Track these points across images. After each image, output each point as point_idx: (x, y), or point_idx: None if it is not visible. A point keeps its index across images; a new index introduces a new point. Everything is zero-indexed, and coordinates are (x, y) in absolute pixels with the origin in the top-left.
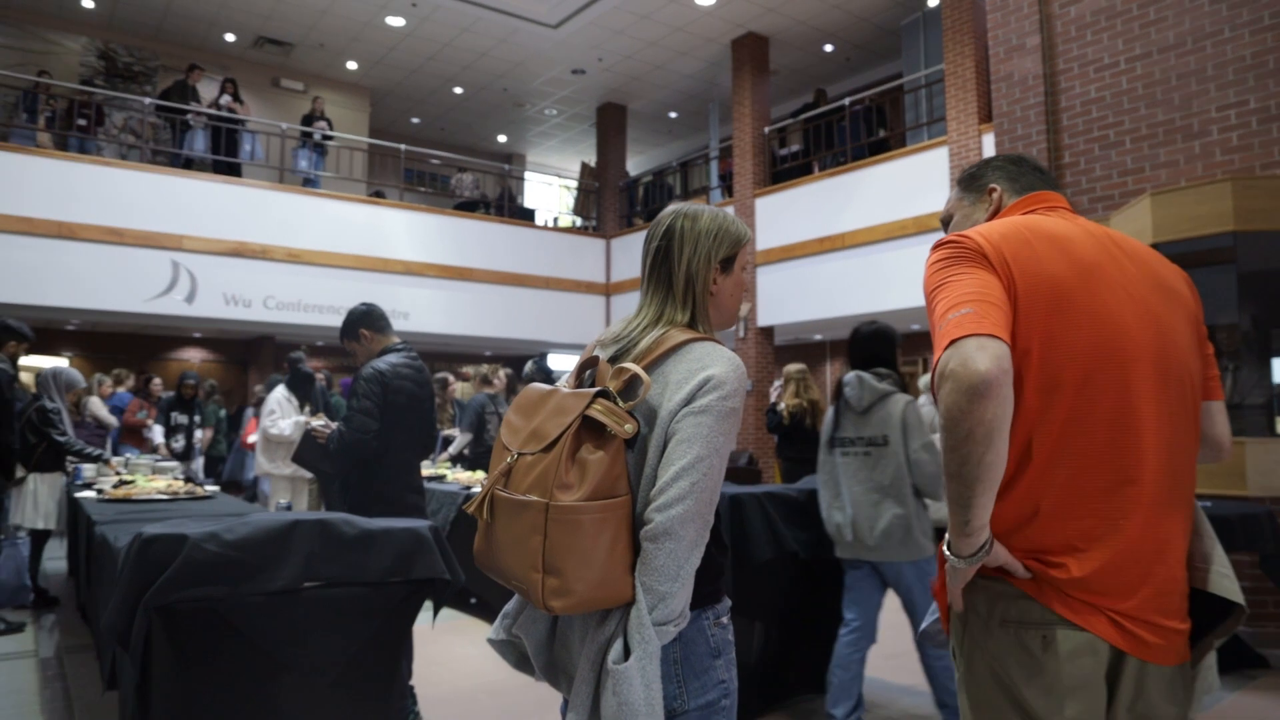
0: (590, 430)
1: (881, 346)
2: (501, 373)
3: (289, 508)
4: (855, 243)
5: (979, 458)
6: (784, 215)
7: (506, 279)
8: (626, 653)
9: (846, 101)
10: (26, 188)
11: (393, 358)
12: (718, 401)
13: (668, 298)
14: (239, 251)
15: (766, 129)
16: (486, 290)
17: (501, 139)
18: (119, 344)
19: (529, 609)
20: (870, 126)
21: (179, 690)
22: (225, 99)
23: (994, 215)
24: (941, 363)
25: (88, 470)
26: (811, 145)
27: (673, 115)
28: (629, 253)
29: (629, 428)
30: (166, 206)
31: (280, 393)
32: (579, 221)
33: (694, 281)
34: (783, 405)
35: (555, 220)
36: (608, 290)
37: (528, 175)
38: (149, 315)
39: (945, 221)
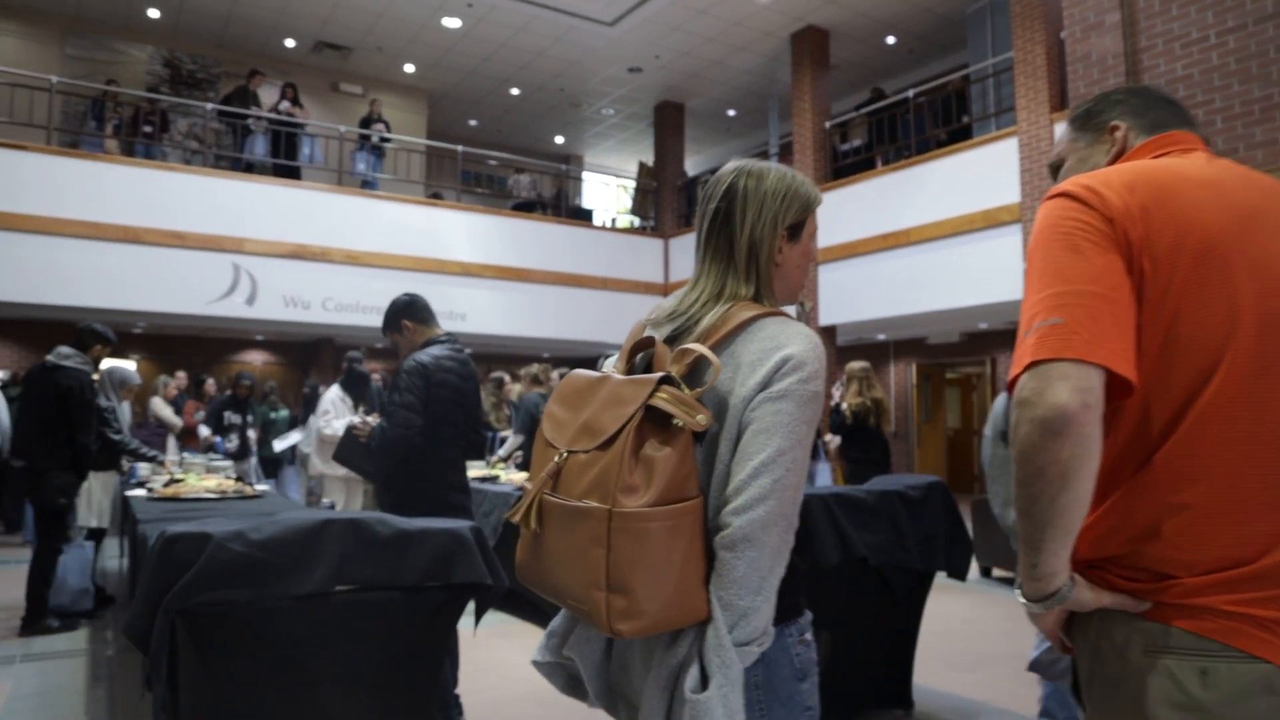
0: (654, 423)
1: None
2: (555, 373)
3: (332, 508)
4: (920, 239)
5: (1051, 499)
6: (846, 211)
7: (564, 279)
8: (703, 679)
9: (911, 94)
10: (94, 194)
11: (436, 350)
12: (798, 385)
13: (728, 268)
14: (298, 254)
15: (827, 124)
16: (544, 291)
17: (559, 140)
18: (184, 347)
19: (581, 627)
20: (936, 119)
21: (205, 697)
22: (285, 104)
23: (1117, 159)
24: (1017, 388)
25: (143, 469)
26: (874, 140)
27: (731, 113)
28: (687, 252)
29: (702, 418)
30: (227, 210)
31: (335, 393)
32: (636, 222)
33: (758, 250)
34: (846, 405)
35: (613, 221)
36: (665, 290)
37: (585, 175)
38: (211, 317)
39: (1054, 168)
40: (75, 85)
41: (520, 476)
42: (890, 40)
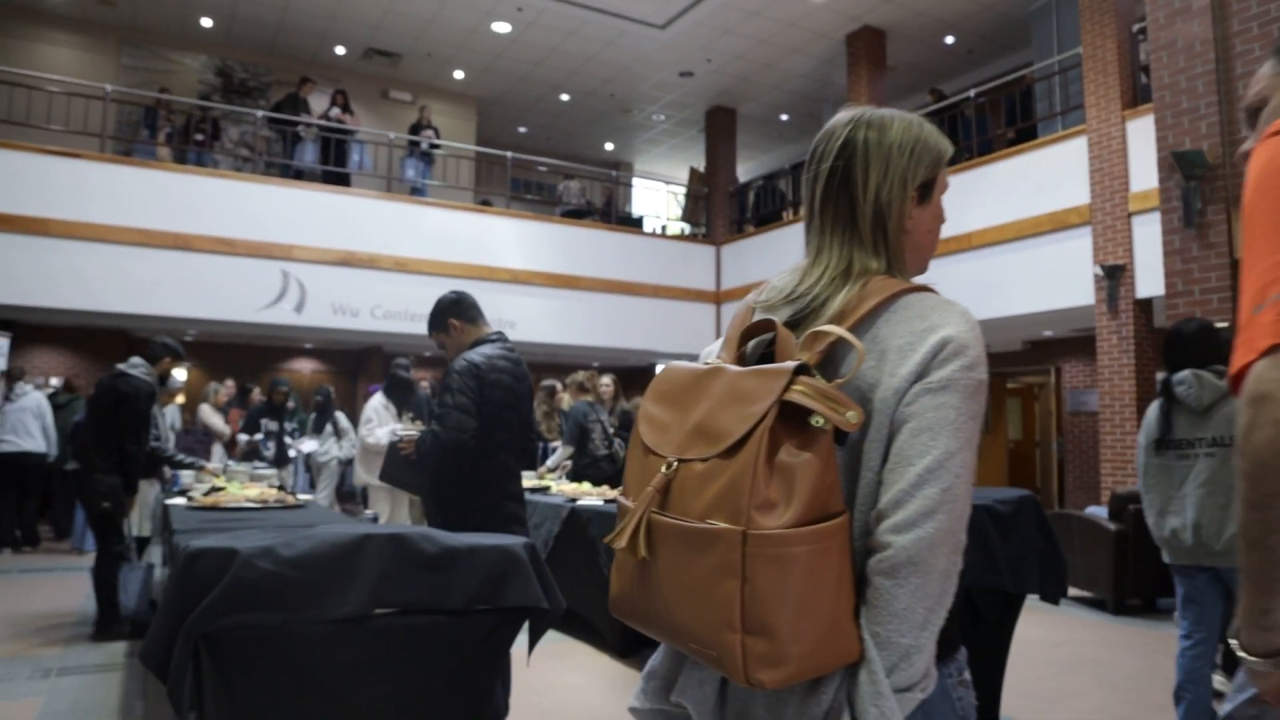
0: (789, 422)
1: (1213, 341)
2: (605, 378)
3: (375, 520)
4: (983, 243)
5: None
6: None
7: (614, 287)
8: None
9: (971, 93)
10: (147, 201)
11: (487, 349)
12: (961, 373)
13: (853, 239)
14: (347, 261)
15: None
16: (594, 299)
17: (609, 147)
18: (234, 355)
19: (692, 666)
20: (999, 120)
21: None
22: (335, 110)
23: None
24: (1252, 379)
25: (185, 477)
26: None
27: (784, 118)
28: (739, 259)
29: (852, 415)
30: (276, 217)
31: (378, 400)
32: (687, 229)
33: (885, 216)
34: None
35: (663, 228)
36: (718, 298)
37: (635, 182)
38: (259, 325)
39: (1252, 111)
40: (129, 94)
41: (571, 487)
42: (949, 40)
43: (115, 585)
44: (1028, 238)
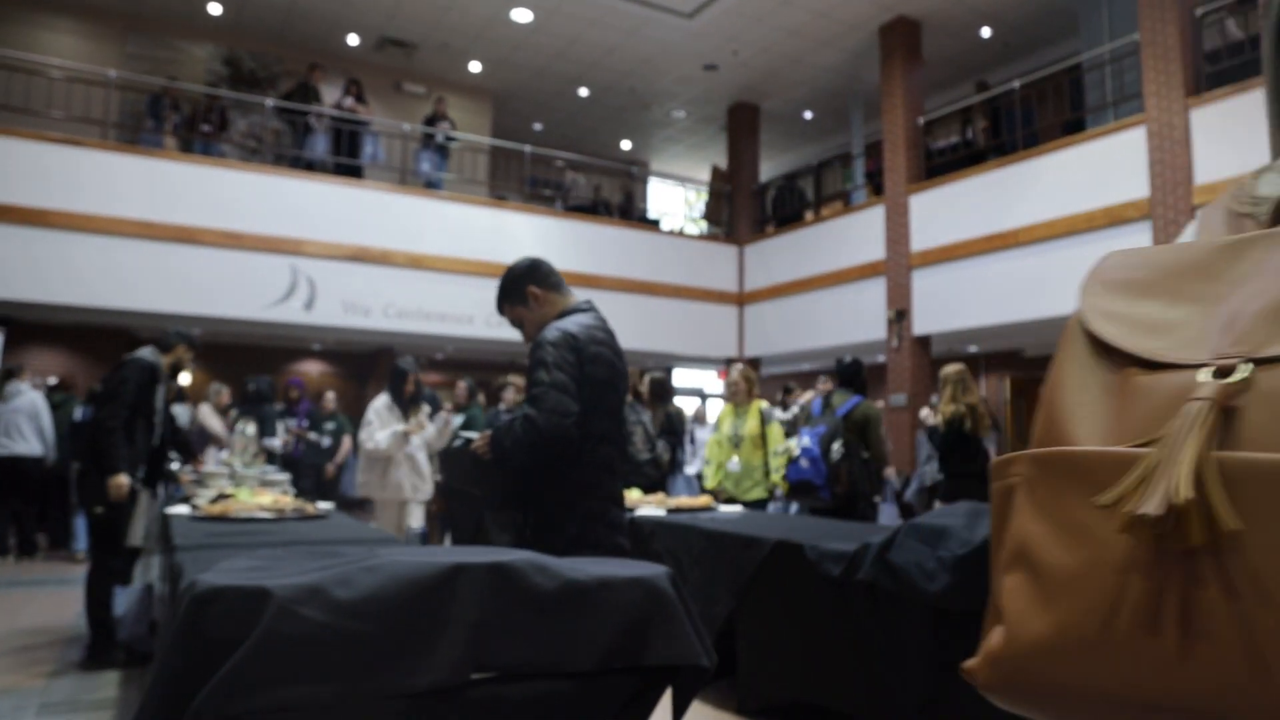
0: None
1: None
2: (644, 378)
3: (423, 535)
4: (1030, 239)
5: None
6: (943, 213)
7: (636, 287)
8: None
9: (1016, 85)
10: (151, 192)
11: (582, 318)
12: None
13: None
14: (359, 256)
15: (920, 120)
16: (615, 299)
17: (626, 145)
18: (240, 357)
19: None
20: (1047, 111)
21: None
22: (349, 100)
23: None
24: None
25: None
26: (975, 136)
27: (807, 115)
28: (762, 259)
29: None
30: (285, 210)
31: (381, 401)
32: (705, 229)
33: None
34: (936, 419)
35: (682, 228)
36: (740, 300)
37: (652, 180)
38: (267, 323)
39: None
40: (134, 80)
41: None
42: (985, 33)
43: (108, 605)
44: (1081, 233)
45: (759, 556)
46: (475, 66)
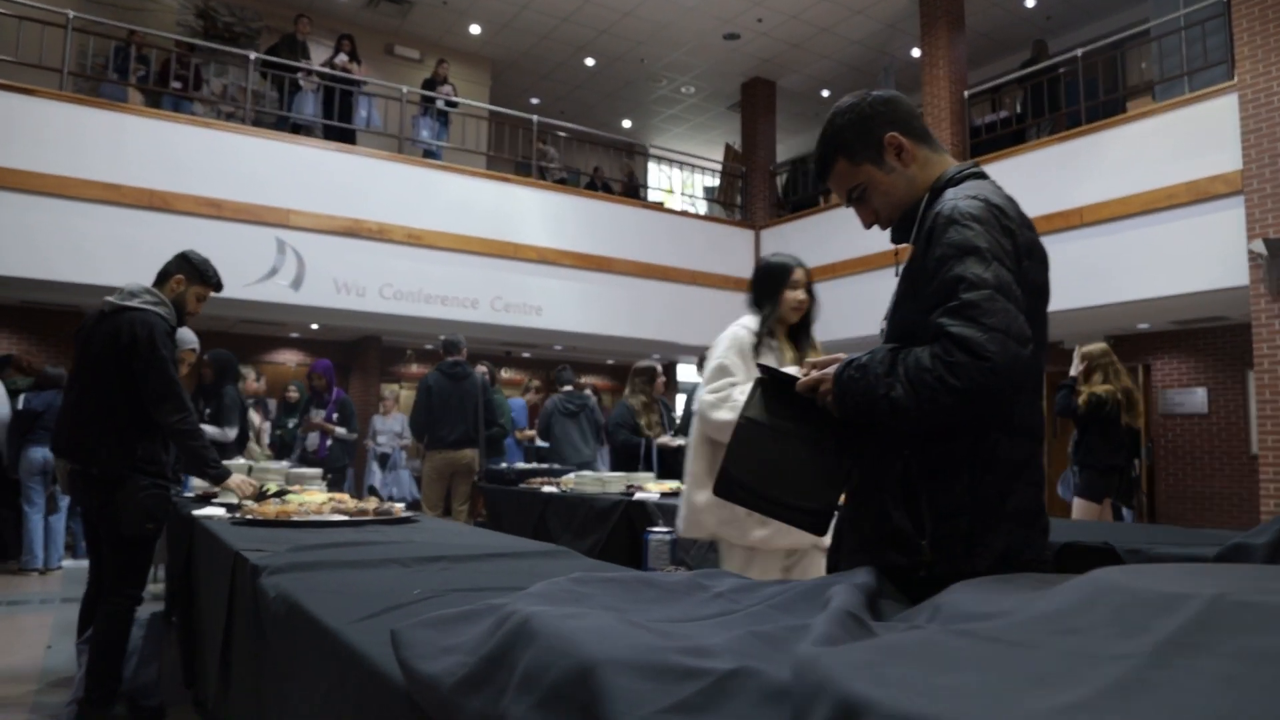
0: None
1: None
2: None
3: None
4: (1095, 219)
5: None
6: None
7: (650, 271)
8: None
9: (1079, 53)
10: (115, 151)
11: (979, 188)
12: None
13: None
14: (353, 230)
15: (966, 92)
16: (627, 283)
17: (626, 124)
18: (214, 343)
19: None
20: (1114, 82)
21: None
22: (341, 58)
23: None
24: None
25: (196, 480)
26: (1029, 109)
27: (825, 93)
28: (782, 244)
29: None
30: (271, 176)
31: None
32: (713, 210)
33: None
34: (1083, 389)
35: (705, 211)
36: None
37: (655, 158)
38: (251, 302)
39: None
40: (97, 22)
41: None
42: (1030, 3)
43: (124, 650)
44: (1157, 211)
45: None
46: (475, 29)
